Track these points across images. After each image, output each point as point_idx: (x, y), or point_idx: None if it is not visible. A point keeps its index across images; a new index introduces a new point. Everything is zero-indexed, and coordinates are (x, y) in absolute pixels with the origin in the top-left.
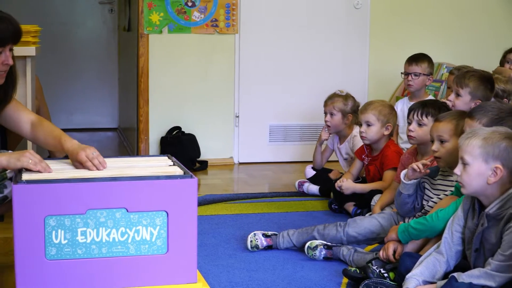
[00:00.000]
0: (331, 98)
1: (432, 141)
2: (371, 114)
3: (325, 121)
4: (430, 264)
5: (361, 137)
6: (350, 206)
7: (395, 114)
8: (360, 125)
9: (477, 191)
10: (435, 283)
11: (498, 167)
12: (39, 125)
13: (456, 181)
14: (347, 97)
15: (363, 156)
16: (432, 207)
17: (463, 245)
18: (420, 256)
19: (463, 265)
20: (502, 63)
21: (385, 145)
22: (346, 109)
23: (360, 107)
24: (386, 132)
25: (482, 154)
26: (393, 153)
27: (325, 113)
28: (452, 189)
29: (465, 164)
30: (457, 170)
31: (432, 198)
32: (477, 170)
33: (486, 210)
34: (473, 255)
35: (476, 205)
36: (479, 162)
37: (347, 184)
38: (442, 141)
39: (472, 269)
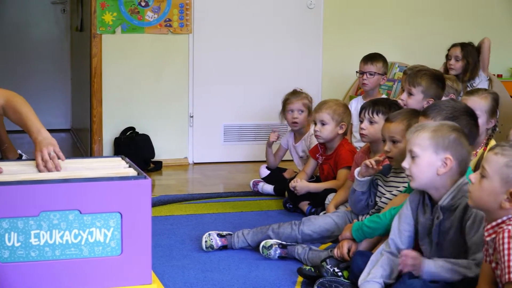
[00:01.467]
0: (296, 95)
1: (384, 141)
2: (326, 113)
3: (293, 118)
4: (386, 264)
5: (316, 136)
6: (304, 205)
7: (349, 113)
8: (315, 124)
9: (427, 183)
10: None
11: (448, 157)
12: (9, 107)
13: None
14: (307, 94)
15: (317, 155)
16: (385, 204)
17: (413, 243)
18: (372, 254)
19: None
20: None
21: (339, 144)
22: (311, 106)
23: (314, 106)
24: (340, 131)
25: (432, 145)
26: (347, 152)
27: (292, 110)
28: (405, 185)
29: (414, 156)
30: (405, 163)
31: (384, 194)
32: (427, 161)
33: (440, 203)
34: (434, 248)
35: (426, 200)
36: (429, 153)
37: (301, 184)
38: (394, 141)
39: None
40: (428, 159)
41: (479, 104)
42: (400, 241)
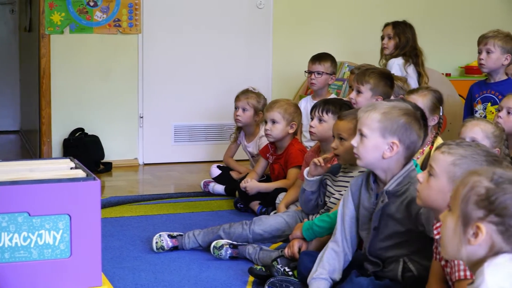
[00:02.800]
0: (245, 93)
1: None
2: (277, 112)
3: (236, 115)
4: (331, 259)
5: (266, 134)
6: (255, 205)
7: (299, 113)
8: (266, 123)
9: (373, 163)
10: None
11: (394, 142)
12: None
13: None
14: (260, 94)
15: (267, 155)
16: (334, 204)
17: (356, 229)
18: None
19: (358, 256)
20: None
21: (289, 144)
22: (259, 106)
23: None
24: (291, 131)
25: (380, 129)
26: (297, 151)
27: (237, 107)
28: None
29: (362, 135)
30: (354, 141)
31: (333, 194)
32: (374, 143)
33: (386, 187)
34: (372, 233)
35: (371, 184)
36: (376, 135)
37: (251, 185)
38: (341, 139)
39: (368, 248)
40: (375, 141)
41: (417, 102)
42: (343, 228)
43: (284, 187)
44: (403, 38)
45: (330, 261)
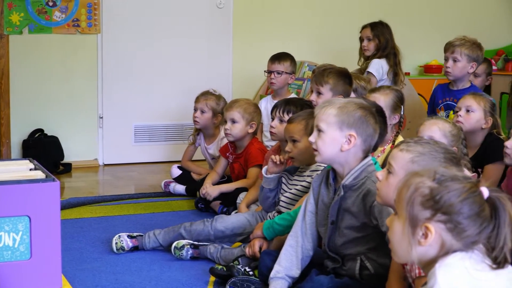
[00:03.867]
0: (205, 95)
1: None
2: (236, 111)
3: (194, 117)
4: (288, 255)
5: (226, 134)
6: (216, 205)
7: (259, 113)
8: (226, 122)
9: (331, 158)
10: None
11: (352, 134)
12: None
13: (310, 176)
14: (220, 97)
15: (227, 154)
16: (285, 202)
17: (316, 225)
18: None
19: (319, 254)
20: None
21: (249, 143)
22: (218, 109)
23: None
24: (251, 130)
25: (337, 122)
26: (256, 151)
27: (195, 109)
28: (304, 183)
29: (320, 131)
30: (312, 138)
31: (286, 192)
32: (332, 137)
33: (343, 181)
34: (329, 227)
35: (330, 179)
36: (333, 129)
37: (211, 190)
38: (294, 141)
39: (327, 243)
40: (332, 135)
41: (379, 101)
42: (304, 223)
43: (244, 186)
44: (382, 39)
45: (287, 257)
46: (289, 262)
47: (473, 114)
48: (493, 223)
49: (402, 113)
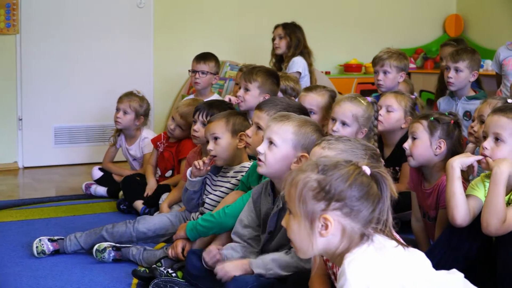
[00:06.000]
0: (128, 96)
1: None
2: (178, 117)
3: (116, 117)
4: (227, 252)
5: (170, 130)
6: (139, 206)
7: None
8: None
9: (276, 172)
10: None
11: (304, 155)
12: None
13: (235, 178)
14: (143, 98)
15: (158, 143)
16: (210, 204)
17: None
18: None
19: None
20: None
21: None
22: (140, 111)
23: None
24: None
25: (293, 141)
26: (191, 145)
27: (118, 109)
28: (228, 185)
29: (272, 143)
30: (261, 148)
31: (210, 193)
32: (284, 154)
33: (282, 192)
34: (266, 237)
35: (269, 190)
36: (288, 147)
37: (152, 186)
38: (216, 138)
39: (261, 248)
40: (285, 152)
41: (315, 101)
42: (241, 232)
43: (176, 181)
44: (294, 38)
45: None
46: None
47: (393, 113)
48: (382, 198)
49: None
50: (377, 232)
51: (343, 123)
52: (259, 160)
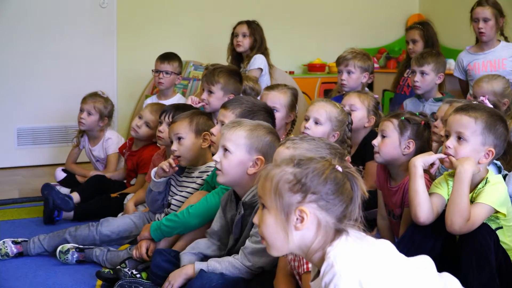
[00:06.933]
0: (93, 96)
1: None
2: (149, 112)
3: (80, 118)
4: (203, 242)
5: (133, 129)
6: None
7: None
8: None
9: (234, 180)
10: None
11: (260, 158)
12: None
13: (200, 178)
14: (108, 100)
15: (124, 150)
16: (176, 205)
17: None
18: (173, 251)
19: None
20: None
21: (145, 145)
22: (105, 112)
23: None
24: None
25: (247, 145)
26: (149, 157)
27: (82, 110)
28: (194, 185)
29: (227, 151)
30: (217, 157)
31: (176, 194)
32: (239, 159)
33: (242, 198)
34: (231, 243)
35: (232, 196)
36: (242, 151)
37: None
38: (180, 138)
39: (227, 251)
40: (240, 157)
41: (278, 99)
42: (215, 237)
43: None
44: (258, 37)
45: (202, 243)
46: (205, 247)
47: (356, 112)
48: (353, 197)
49: (296, 111)
50: (350, 227)
51: (316, 122)
52: (217, 169)
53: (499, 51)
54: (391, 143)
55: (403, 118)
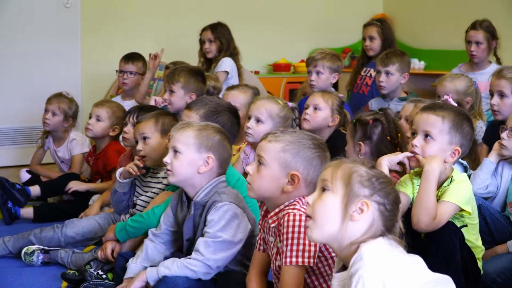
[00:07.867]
0: (57, 97)
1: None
2: (105, 110)
3: (45, 118)
4: (149, 249)
5: (86, 128)
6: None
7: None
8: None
9: (186, 179)
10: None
11: (210, 157)
12: None
13: (165, 178)
14: (72, 100)
15: (89, 158)
16: (141, 205)
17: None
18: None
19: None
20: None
21: (107, 144)
22: (69, 112)
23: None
24: (112, 133)
25: (196, 144)
26: (114, 153)
27: (47, 110)
28: (160, 186)
29: (176, 152)
30: (167, 158)
31: (141, 195)
32: (190, 159)
33: (194, 198)
34: (185, 244)
35: (183, 197)
36: (192, 151)
37: (75, 184)
38: (145, 138)
39: (185, 255)
40: (190, 156)
41: (238, 98)
42: (157, 238)
43: (105, 188)
44: (224, 40)
45: (149, 251)
46: (150, 258)
47: (320, 112)
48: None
49: None
50: (392, 240)
51: (258, 120)
52: (168, 170)
53: (488, 74)
54: (349, 148)
55: (354, 121)
